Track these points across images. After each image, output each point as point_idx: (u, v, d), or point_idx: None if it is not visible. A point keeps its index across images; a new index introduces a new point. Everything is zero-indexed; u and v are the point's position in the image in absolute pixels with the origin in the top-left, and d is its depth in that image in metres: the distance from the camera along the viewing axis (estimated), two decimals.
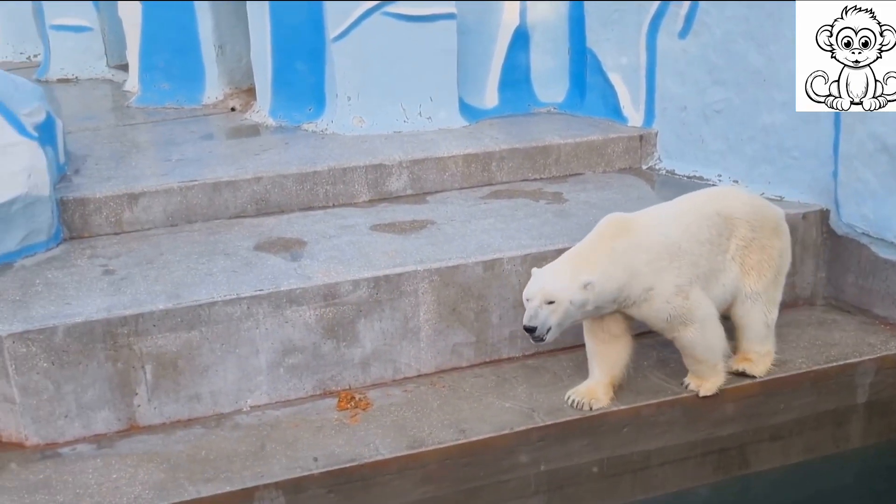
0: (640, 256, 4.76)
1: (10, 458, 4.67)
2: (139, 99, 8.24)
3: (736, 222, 5.04)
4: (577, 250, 4.87)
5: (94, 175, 6.24)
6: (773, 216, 5.20)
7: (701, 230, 4.94)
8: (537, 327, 4.66)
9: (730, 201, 5.13)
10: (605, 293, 4.72)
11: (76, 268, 5.40)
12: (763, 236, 5.09)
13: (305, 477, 4.52)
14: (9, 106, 5.77)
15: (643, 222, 4.93)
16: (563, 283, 4.69)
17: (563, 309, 4.67)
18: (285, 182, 6.21)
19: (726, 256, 5.03)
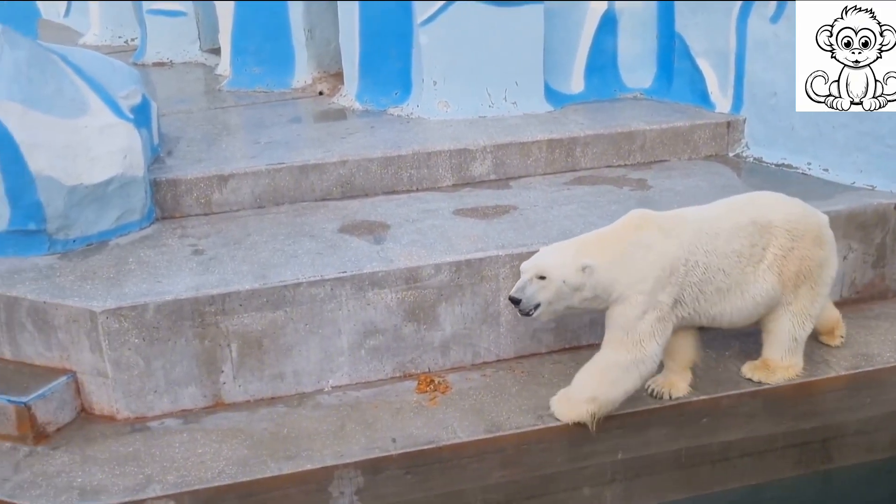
0: (645, 257, 4.63)
1: (102, 430, 4.86)
2: (230, 82, 8.39)
3: (774, 231, 4.83)
4: (590, 234, 4.82)
5: (186, 157, 6.39)
6: (816, 224, 4.94)
7: (731, 241, 4.76)
8: (522, 300, 4.60)
9: (768, 209, 4.90)
10: (602, 282, 4.60)
11: (167, 247, 5.55)
12: (803, 246, 4.85)
13: (384, 457, 4.61)
14: (107, 89, 5.95)
15: (662, 223, 4.76)
16: (561, 260, 4.61)
17: (554, 287, 4.58)
18: (370, 166, 6.28)
19: (759, 267, 4.81)
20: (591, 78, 7.64)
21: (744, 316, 4.87)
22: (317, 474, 4.53)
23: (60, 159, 5.45)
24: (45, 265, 5.34)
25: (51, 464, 4.62)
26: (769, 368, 5.07)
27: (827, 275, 4.97)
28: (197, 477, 4.48)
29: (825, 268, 4.94)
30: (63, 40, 9.23)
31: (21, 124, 5.36)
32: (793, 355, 5.05)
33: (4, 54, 5.44)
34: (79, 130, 5.57)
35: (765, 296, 4.84)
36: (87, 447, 4.73)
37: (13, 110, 5.36)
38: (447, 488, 4.69)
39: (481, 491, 4.74)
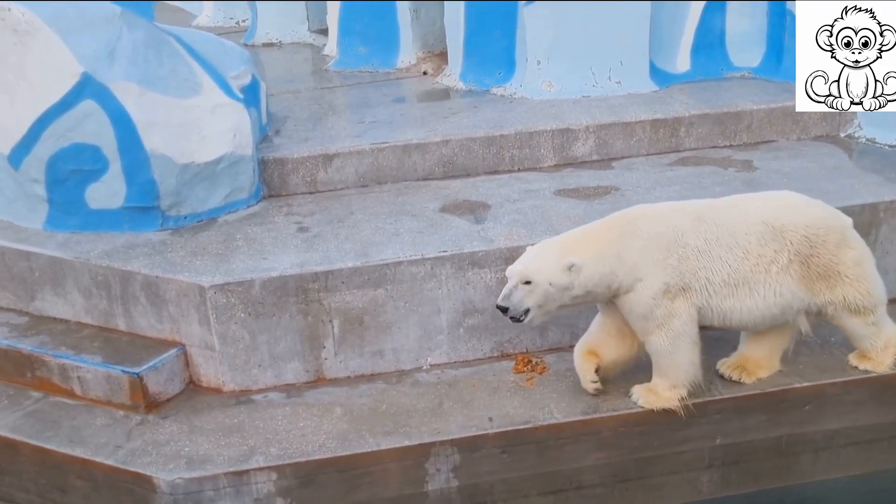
0: (635, 244, 4.54)
1: (209, 401, 5.03)
2: (337, 62, 8.50)
3: (789, 236, 4.62)
4: (577, 230, 4.71)
5: (293, 136, 6.52)
6: (837, 229, 4.70)
7: (735, 236, 4.60)
8: (509, 308, 4.52)
9: (784, 212, 4.69)
10: (593, 278, 4.52)
11: (273, 224, 5.69)
12: (826, 252, 4.65)
13: (480, 436, 4.65)
14: (219, 69, 6.10)
15: (657, 211, 4.69)
16: (545, 263, 4.51)
17: (541, 291, 4.49)
18: (472, 145, 6.30)
19: (770, 269, 4.61)
20: (698, 56, 7.51)
21: (755, 317, 4.67)
22: (414, 450, 4.61)
23: (174, 138, 5.62)
24: (158, 241, 5.53)
25: (160, 433, 4.81)
26: (868, 358, 4.96)
27: (866, 269, 4.76)
28: (298, 450, 4.61)
29: (861, 264, 4.73)
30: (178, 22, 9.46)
31: (138, 104, 5.55)
32: (880, 335, 4.89)
33: (123, 36, 5.62)
34: (191, 110, 5.73)
35: (778, 298, 4.63)
36: (194, 418, 4.90)
37: (131, 90, 5.55)
38: (542, 469, 4.71)
39: (576, 473, 4.76)
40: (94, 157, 5.54)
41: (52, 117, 5.48)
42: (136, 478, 4.55)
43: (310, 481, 4.56)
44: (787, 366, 5.00)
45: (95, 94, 5.49)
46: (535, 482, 4.75)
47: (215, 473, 4.51)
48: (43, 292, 5.53)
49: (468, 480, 4.68)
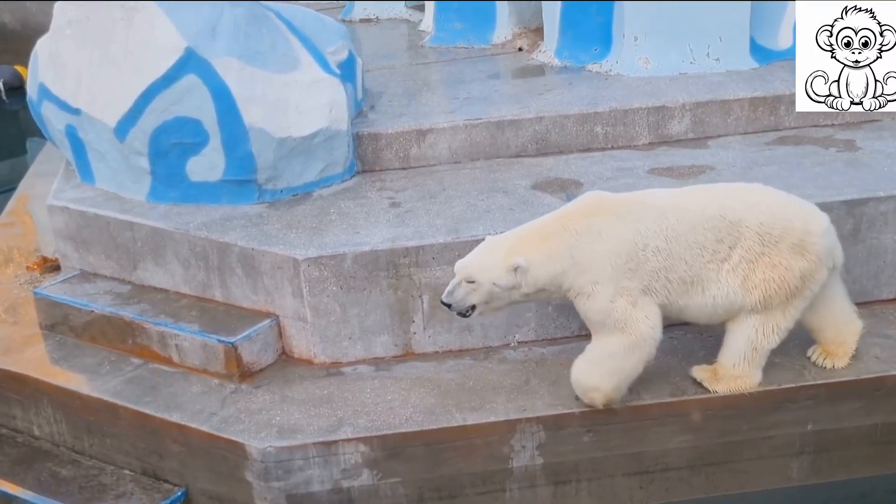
0: (594, 245, 4.36)
1: (300, 373, 5.15)
2: (433, 38, 8.51)
3: (743, 231, 4.40)
4: (532, 225, 4.53)
5: (387, 112, 6.57)
6: (798, 231, 4.41)
7: (694, 231, 4.39)
8: (451, 303, 4.44)
9: (745, 205, 4.45)
10: (542, 278, 4.37)
11: (366, 199, 5.76)
12: (776, 253, 4.39)
13: (566, 415, 4.67)
14: (317, 44, 6.19)
15: (619, 208, 4.46)
16: (490, 262, 4.37)
17: (484, 290, 4.37)
18: (566, 122, 6.27)
19: (723, 266, 4.42)
20: None
21: (704, 315, 4.51)
22: (500, 427, 4.65)
23: (272, 112, 5.72)
24: (255, 213, 5.66)
25: (253, 401, 4.95)
26: (716, 375, 4.69)
27: (808, 288, 4.47)
28: (386, 422, 4.69)
29: (807, 281, 4.43)
30: None
31: (239, 79, 5.66)
32: (748, 365, 4.61)
33: (226, 12, 5.74)
34: (289, 85, 5.83)
35: (724, 299, 4.45)
36: (285, 388, 5.03)
37: (232, 65, 5.67)
38: (627, 450, 4.71)
39: (661, 455, 4.74)
40: (195, 131, 5.69)
41: (156, 91, 5.64)
42: (229, 444, 4.69)
43: (396, 454, 4.65)
44: (886, 352, 4.88)
45: (198, 69, 5.62)
46: (620, 463, 4.75)
47: (305, 443, 4.63)
48: (144, 262, 5.72)
49: (552, 459, 4.71)
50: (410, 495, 4.72)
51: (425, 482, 4.71)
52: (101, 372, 5.33)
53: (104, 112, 5.81)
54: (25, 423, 5.51)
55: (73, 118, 6.03)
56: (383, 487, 4.69)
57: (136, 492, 4.99)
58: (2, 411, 5.59)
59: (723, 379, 4.66)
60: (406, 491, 4.71)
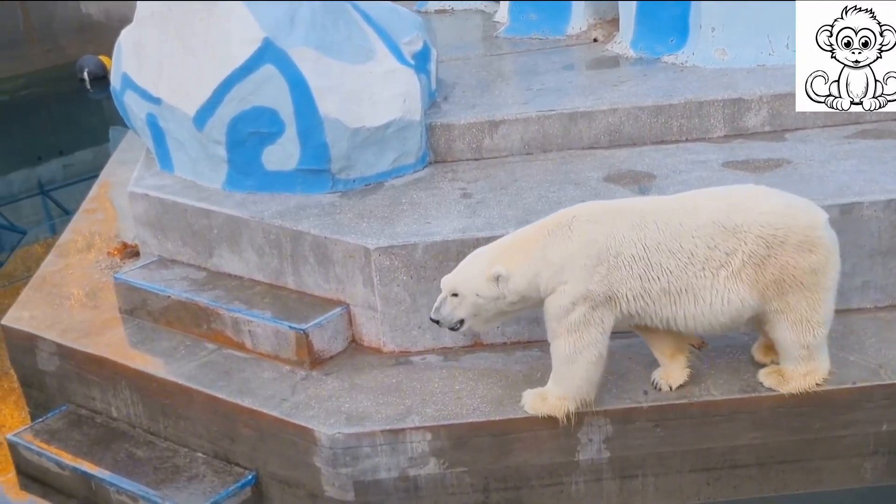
0: (565, 245, 4.33)
1: (370, 361, 5.21)
2: (507, 29, 8.49)
3: (742, 236, 4.29)
4: (514, 234, 4.54)
5: (461, 102, 6.58)
6: (799, 229, 4.31)
7: (680, 239, 4.29)
8: (440, 320, 4.43)
9: (740, 209, 4.35)
10: (522, 284, 4.35)
11: (438, 190, 5.79)
12: (783, 254, 4.29)
13: (634, 409, 4.65)
14: (391, 35, 6.23)
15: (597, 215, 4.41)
16: (472, 274, 4.38)
17: (469, 302, 4.37)
18: (640, 114, 6.21)
19: (720, 273, 4.29)
20: None
21: (702, 324, 4.39)
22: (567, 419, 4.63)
23: (346, 103, 5.78)
24: (328, 203, 5.73)
25: (323, 388, 5.02)
26: (783, 377, 4.60)
27: (827, 279, 4.37)
28: (453, 412, 4.71)
29: (821, 274, 4.34)
30: None
31: (315, 70, 5.74)
32: (809, 362, 4.52)
33: (303, 2, 5.82)
34: (364, 75, 5.88)
35: (729, 306, 4.34)
36: (355, 375, 5.09)
37: (308, 56, 5.75)
38: (695, 445, 4.66)
39: (730, 451, 4.68)
40: (271, 121, 5.78)
41: (235, 81, 5.74)
42: (298, 430, 4.77)
43: (463, 443, 4.67)
44: None
45: (275, 59, 5.71)
46: (688, 458, 4.70)
47: (373, 430, 4.68)
48: (220, 249, 5.83)
49: (619, 452, 4.69)
50: (476, 485, 4.74)
51: (491, 473, 4.72)
52: (177, 356, 5.46)
53: (184, 101, 5.94)
54: (104, 405, 5.67)
55: (154, 107, 6.17)
56: (449, 477, 4.72)
57: (207, 474, 5.10)
58: (82, 392, 5.76)
59: (791, 379, 4.59)
60: (472, 481, 4.73)
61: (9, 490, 5.68)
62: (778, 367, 4.65)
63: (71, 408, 5.82)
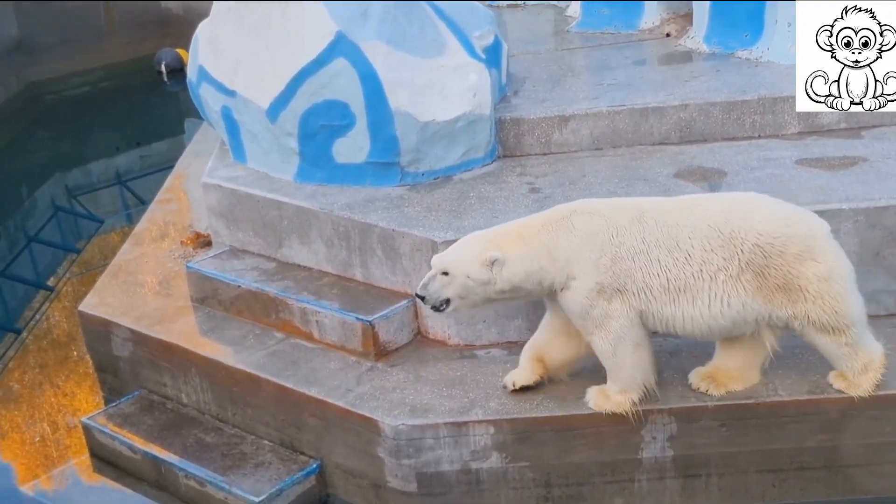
0: (569, 239, 4.37)
1: (434, 354, 5.24)
2: (579, 24, 8.44)
3: (739, 244, 4.29)
4: (511, 224, 4.55)
5: (531, 97, 6.58)
6: (798, 239, 4.29)
7: (678, 239, 4.29)
8: (426, 296, 4.40)
9: (734, 217, 4.34)
10: (519, 275, 4.34)
11: (506, 184, 5.80)
12: (783, 263, 4.27)
13: (699, 407, 4.60)
14: (463, 29, 6.24)
15: (597, 209, 4.46)
16: (466, 255, 4.37)
17: (458, 283, 4.35)
18: (712, 110, 6.14)
19: (718, 277, 4.28)
20: None
21: (700, 327, 4.36)
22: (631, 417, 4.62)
23: (417, 97, 5.81)
24: (396, 195, 5.77)
25: (387, 380, 5.06)
26: (847, 379, 4.54)
27: (836, 286, 4.31)
28: (516, 406, 4.72)
29: (829, 282, 4.29)
30: None
31: (386, 63, 5.78)
32: (858, 356, 4.46)
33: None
34: (435, 69, 5.91)
35: (728, 310, 4.32)
36: (419, 368, 5.12)
37: (380, 49, 5.79)
38: (761, 446, 4.60)
39: (797, 453, 4.61)
40: (342, 114, 5.84)
41: (308, 74, 5.81)
42: (363, 420, 4.81)
43: (525, 438, 4.68)
44: None
45: (347, 53, 5.77)
46: (754, 459, 4.64)
47: (436, 423, 4.70)
48: (290, 240, 5.91)
49: (683, 451, 4.64)
50: (538, 480, 4.74)
51: (553, 468, 4.71)
52: (246, 345, 5.55)
53: (258, 94, 6.02)
54: (175, 391, 5.79)
55: (229, 100, 6.27)
56: (511, 471, 4.73)
57: (273, 462, 5.18)
58: (154, 378, 5.89)
59: (853, 379, 4.53)
60: (534, 476, 4.73)
61: (82, 472, 5.84)
62: (838, 373, 4.59)
63: (143, 393, 5.95)
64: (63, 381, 7.11)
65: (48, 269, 9.58)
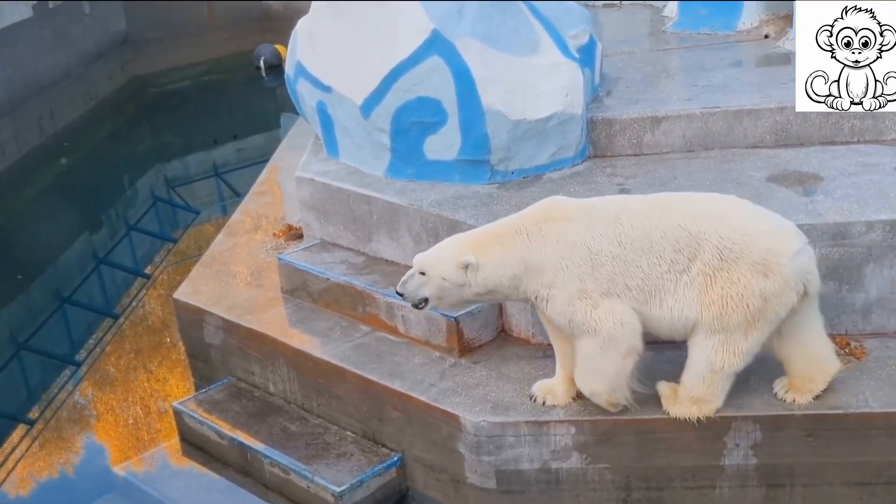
0: (544, 250, 4.37)
1: (517, 352, 5.26)
2: (676, 24, 8.34)
3: (703, 244, 4.26)
4: (487, 227, 4.51)
5: (623, 97, 6.52)
6: (758, 250, 4.23)
7: (650, 239, 4.30)
8: (404, 294, 4.39)
9: (708, 217, 4.32)
10: (494, 280, 4.39)
11: (595, 184, 5.76)
12: (736, 269, 4.23)
13: (785, 416, 4.53)
14: (558, 28, 6.23)
15: (572, 214, 4.43)
16: (443, 258, 4.38)
17: (435, 284, 4.36)
18: (809, 114, 5.98)
19: (681, 278, 4.22)
20: None
21: (663, 328, 4.34)
22: (715, 422, 4.56)
23: (509, 95, 5.82)
24: (485, 193, 5.78)
25: (470, 376, 5.08)
26: (676, 395, 4.45)
27: (772, 310, 4.26)
28: (598, 407, 4.68)
29: (770, 302, 4.23)
30: None
31: (480, 61, 5.80)
32: (707, 388, 4.42)
33: None
34: (528, 68, 5.91)
35: (680, 313, 4.33)
36: (502, 365, 5.13)
37: (474, 47, 5.81)
38: (848, 458, 4.50)
39: (886, 467, 4.50)
40: (434, 111, 5.87)
41: (402, 71, 5.86)
42: (445, 416, 4.85)
43: (606, 440, 4.66)
44: None
45: (442, 51, 5.80)
46: (840, 471, 4.55)
47: (517, 421, 4.72)
48: (378, 235, 5.98)
49: (767, 460, 4.57)
50: (617, 482, 4.72)
51: (633, 471, 4.69)
52: (333, 337, 5.63)
53: (353, 90, 6.10)
54: (262, 380, 5.91)
55: (325, 95, 6.36)
56: (591, 472, 4.71)
57: (355, 453, 5.25)
58: (243, 366, 6.02)
59: (681, 401, 4.52)
60: (613, 478, 4.71)
61: (171, 455, 6.01)
62: (676, 386, 4.55)
63: (232, 381, 6.09)
64: (156, 367, 7.33)
65: (146, 257, 9.89)
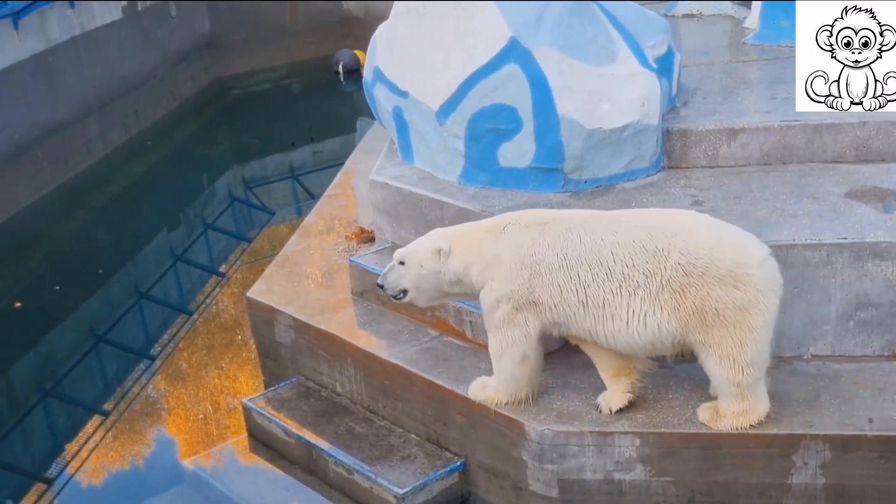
0: (497, 246, 4.63)
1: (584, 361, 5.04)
2: (756, 36, 8.21)
3: (663, 261, 4.35)
4: (464, 224, 4.97)
5: (700, 109, 6.45)
6: (723, 263, 4.31)
7: (599, 255, 4.43)
8: (384, 285, 4.79)
9: (661, 235, 4.40)
10: (459, 268, 4.68)
11: (668, 195, 5.72)
12: (703, 284, 4.30)
13: (857, 436, 4.44)
14: (636, 38, 6.19)
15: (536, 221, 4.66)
16: (420, 247, 4.78)
17: (414, 272, 4.60)
18: (892, 129, 5.87)
19: (637, 293, 4.36)
20: None
21: (621, 341, 4.39)
22: (783, 440, 4.50)
23: (585, 103, 5.81)
24: (558, 201, 5.77)
25: None
26: (718, 413, 4.58)
27: (753, 319, 4.33)
28: (664, 420, 4.67)
29: (747, 312, 4.31)
30: None
31: (557, 69, 5.80)
32: (742, 401, 4.48)
33: (552, 2, 5.87)
34: (605, 77, 5.89)
35: (645, 329, 4.39)
36: (568, 374, 5.12)
37: (551, 56, 5.81)
38: None
39: None
40: (510, 118, 5.88)
41: (479, 78, 5.88)
42: (509, 422, 4.85)
43: (672, 453, 4.62)
44: None
45: (519, 58, 5.81)
46: None
47: (582, 430, 4.70)
48: None
49: (836, 480, 4.49)
50: (681, 496, 4.68)
51: (698, 485, 4.64)
52: (400, 339, 5.67)
53: (429, 96, 6.14)
54: (330, 380, 5.97)
55: (401, 100, 6.41)
56: (655, 485, 4.68)
57: (419, 456, 5.28)
58: (312, 366, 6.09)
59: (724, 417, 4.57)
60: (677, 491, 4.67)
61: (239, 451, 6.10)
62: (715, 404, 4.56)
63: (301, 380, 6.17)
64: (227, 364, 7.45)
65: (221, 255, 10.07)
